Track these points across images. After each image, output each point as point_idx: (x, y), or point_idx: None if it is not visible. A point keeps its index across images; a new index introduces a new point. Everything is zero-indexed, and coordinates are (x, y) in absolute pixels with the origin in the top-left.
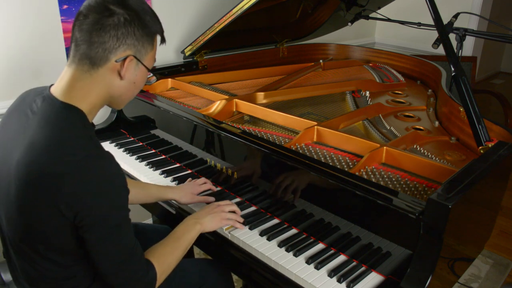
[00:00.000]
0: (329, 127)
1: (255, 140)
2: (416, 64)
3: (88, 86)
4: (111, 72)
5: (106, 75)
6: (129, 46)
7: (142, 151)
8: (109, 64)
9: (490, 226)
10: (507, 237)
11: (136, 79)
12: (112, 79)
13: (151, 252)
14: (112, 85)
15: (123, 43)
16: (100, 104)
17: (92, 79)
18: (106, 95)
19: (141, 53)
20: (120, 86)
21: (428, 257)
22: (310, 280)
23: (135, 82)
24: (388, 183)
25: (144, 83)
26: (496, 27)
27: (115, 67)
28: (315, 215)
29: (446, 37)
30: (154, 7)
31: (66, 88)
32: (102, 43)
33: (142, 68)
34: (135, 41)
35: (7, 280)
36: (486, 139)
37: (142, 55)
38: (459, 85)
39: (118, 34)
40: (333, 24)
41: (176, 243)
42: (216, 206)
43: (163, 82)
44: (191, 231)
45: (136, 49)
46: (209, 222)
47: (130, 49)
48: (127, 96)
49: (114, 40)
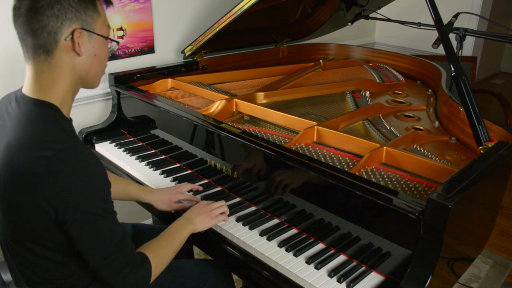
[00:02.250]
0: (329, 127)
1: (255, 140)
2: (416, 64)
3: (52, 76)
4: (66, 52)
5: (63, 58)
6: (72, 20)
7: (142, 151)
8: (61, 45)
9: (490, 226)
10: (507, 237)
11: (95, 50)
12: (70, 59)
13: (146, 246)
14: (74, 65)
15: (64, 19)
16: (72, 90)
17: (52, 67)
18: (73, 78)
19: (87, 23)
20: (81, 63)
21: (428, 257)
22: (310, 280)
23: (96, 54)
24: (388, 183)
25: (108, 52)
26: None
27: (68, 46)
28: (315, 215)
29: (446, 37)
30: (154, 7)
31: (33, 85)
32: (44, 27)
33: (97, 38)
34: (75, 13)
35: (7, 280)
36: (486, 139)
37: (90, 25)
38: (459, 85)
39: (55, 12)
40: (333, 24)
41: (171, 239)
42: (205, 205)
43: (163, 82)
44: (183, 231)
45: (81, 20)
46: (200, 221)
47: (75, 23)
48: (95, 71)
49: (54, 20)
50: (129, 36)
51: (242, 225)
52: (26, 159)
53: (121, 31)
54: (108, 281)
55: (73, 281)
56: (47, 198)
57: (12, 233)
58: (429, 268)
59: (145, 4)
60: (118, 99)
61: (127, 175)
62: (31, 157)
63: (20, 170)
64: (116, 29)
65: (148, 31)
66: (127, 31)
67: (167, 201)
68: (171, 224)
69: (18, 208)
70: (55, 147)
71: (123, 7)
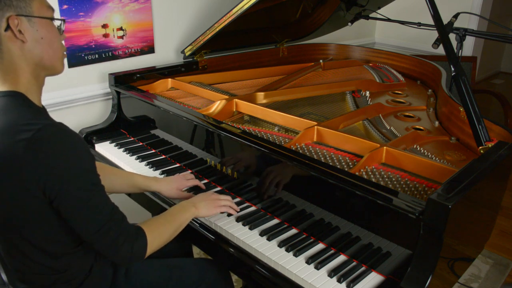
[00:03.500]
0: (329, 127)
1: (255, 140)
2: (416, 64)
3: (9, 68)
4: (12, 43)
5: (10, 48)
6: (3, 10)
7: (142, 151)
8: (3, 38)
9: (490, 226)
10: (507, 237)
11: (40, 34)
12: (19, 48)
13: (144, 222)
14: (24, 54)
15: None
16: (35, 79)
17: (6, 60)
18: (30, 67)
19: (21, 8)
20: (30, 50)
21: (428, 257)
22: (310, 280)
23: (43, 37)
24: (388, 183)
25: (57, 33)
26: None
27: (11, 36)
28: (315, 215)
29: (446, 37)
30: (154, 7)
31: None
32: None
33: (39, 21)
34: (5, 1)
35: (7, 280)
36: (486, 139)
37: (25, 9)
38: (459, 85)
39: None
40: (333, 24)
41: (169, 217)
42: (212, 194)
43: (163, 82)
44: (185, 212)
45: (13, 7)
46: (204, 207)
47: (7, 11)
48: (49, 55)
49: None
50: (129, 36)
51: (242, 225)
52: (5, 146)
53: (121, 31)
54: (104, 252)
55: (67, 276)
56: (32, 179)
57: (5, 224)
58: (429, 268)
59: (145, 4)
60: (118, 99)
61: None
62: (10, 143)
63: (2, 158)
64: (116, 29)
65: (148, 31)
66: (127, 31)
67: (174, 189)
68: (173, 206)
69: (7, 196)
70: (31, 129)
71: (123, 7)
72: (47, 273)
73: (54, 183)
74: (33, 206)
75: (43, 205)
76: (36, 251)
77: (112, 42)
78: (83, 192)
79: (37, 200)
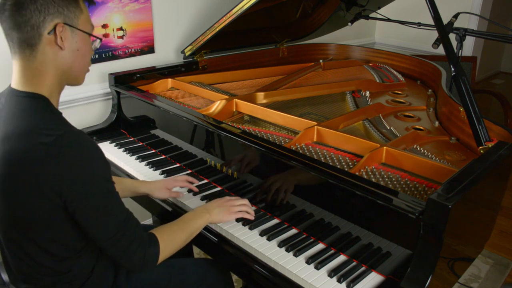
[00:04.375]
0: (329, 127)
1: (255, 140)
2: (416, 64)
3: (37, 70)
4: (50, 46)
5: (47, 52)
6: (55, 15)
7: (142, 151)
8: (44, 39)
9: (490, 226)
10: (507, 237)
11: (78, 46)
12: (54, 53)
13: (157, 228)
14: (57, 59)
15: (47, 14)
16: (58, 85)
17: (37, 61)
18: (57, 72)
19: (70, 18)
20: (65, 57)
21: (428, 257)
22: (310, 280)
23: (78, 49)
24: (388, 183)
25: (91, 49)
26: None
27: (51, 40)
28: (315, 215)
29: (446, 37)
30: (154, 7)
31: (21, 79)
32: (27, 21)
33: (80, 34)
34: (58, 8)
35: (7, 280)
36: (486, 139)
37: (73, 20)
38: (459, 85)
39: (38, 6)
40: (333, 24)
41: (183, 225)
42: (227, 200)
43: (163, 82)
44: (199, 219)
45: (63, 15)
46: (218, 213)
47: (57, 18)
48: (78, 67)
49: (37, 14)
50: (129, 36)
51: (242, 225)
52: (26, 147)
53: (121, 31)
54: (116, 258)
55: (69, 277)
56: (50, 184)
57: (14, 224)
58: (429, 268)
59: (145, 4)
60: (118, 99)
61: (127, 175)
62: (30, 145)
63: (21, 159)
64: (116, 29)
65: (148, 31)
66: (127, 31)
67: (162, 188)
68: (187, 213)
69: (21, 198)
70: (52, 134)
71: (123, 7)
72: (50, 274)
73: (71, 189)
74: (45, 208)
75: (56, 208)
76: (40, 252)
77: (112, 42)
78: (99, 199)
79: (51, 203)
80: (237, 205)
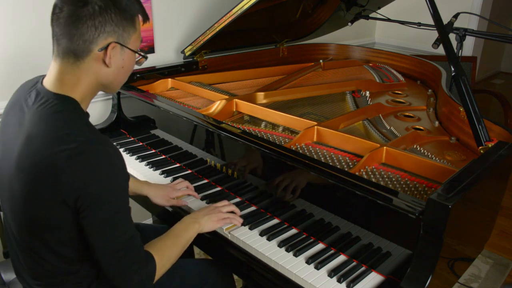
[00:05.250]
0: (329, 127)
1: (255, 140)
2: (416, 64)
3: (76, 77)
4: (96, 61)
5: (92, 65)
6: (109, 33)
7: (142, 151)
8: (93, 55)
9: (490, 226)
10: (507, 237)
11: (123, 63)
12: (98, 68)
13: (151, 245)
14: (100, 74)
15: (102, 32)
16: (92, 93)
17: (79, 70)
18: (96, 84)
19: (123, 37)
20: (108, 73)
21: (428, 257)
22: (310, 280)
23: (123, 66)
24: (388, 183)
25: (134, 65)
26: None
27: (99, 56)
28: (315, 215)
29: (446, 37)
30: (154, 7)
31: (56, 81)
32: (81, 35)
33: (128, 52)
34: (114, 27)
35: (7, 280)
36: (486, 139)
37: (125, 39)
38: (459, 85)
39: (96, 23)
40: (333, 24)
41: (176, 239)
42: (214, 208)
43: (163, 82)
44: (189, 230)
45: (117, 34)
46: (206, 222)
47: (111, 36)
48: (119, 81)
49: (93, 30)
50: None
51: (242, 225)
52: (49, 152)
53: None
54: (114, 279)
55: (77, 278)
56: (68, 190)
57: (29, 225)
58: (429, 268)
59: (145, 4)
60: (118, 99)
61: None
62: (54, 150)
63: (43, 163)
64: None
65: (148, 31)
66: None
67: (164, 196)
68: (176, 224)
69: (38, 200)
70: (77, 140)
71: None
72: (59, 273)
73: (87, 197)
74: (60, 212)
75: (71, 213)
76: (52, 254)
77: None
78: (111, 212)
79: (67, 208)
80: (224, 212)
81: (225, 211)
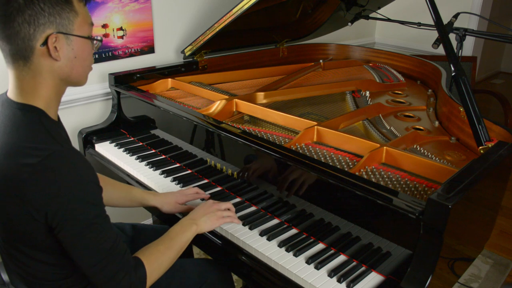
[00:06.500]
0: (329, 127)
1: (255, 140)
2: (416, 64)
3: (33, 81)
4: (44, 58)
5: (41, 63)
6: (45, 25)
7: (142, 151)
8: (37, 52)
9: (490, 226)
10: (507, 237)
11: (75, 52)
12: (49, 65)
13: (143, 250)
14: (54, 70)
15: (37, 25)
16: (57, 94)
17: (32, 72)
18: (55, 82)
19: (64, 25)
20: (61, 67)
21: (428, 257)
22: (310, 280)
23: (76, 56)
24: (388, 183)
25: (91, 51)
26: (496, 27)
27: (45, 52)
28: (315, 215)
29: (446, 37)
30: (154, 7)
31: (16, 89)
32: (16, 34)
33: (77, 39)
34: (49, 17)
35: (7, 280)
36: (486, 139)
37: (67, 27)
38: (459, 85)
39: (26, 18)
40: (333, 24)
41: (170, 243)
42: (211, 205)
43: (163, 82)
44: (186, 232)
45: (55, 24)
46: (205, 222)
47: (49, 28)
48: (78, 73)
49: (26, 26)
50: (129, 36)
51: (242, 225)
52: (11, 167)
53: (121, 31)
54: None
55: (72, 281)
56: (34, 206)
57: (5, 236)
58: (429, 268)
59: (145, 4)
60: (118, 99)
61: (127, 175)
62: (16, 164)
63: (6, 178)
64: (116, 29)
65: (148, 31)
66: (127, 31)
67: (173, 203)
68: (173, 226)
69: (8, 213)
70: (39, 154)
71: (123, 7)
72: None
73: (55, 213)
74: (33, 226)
75: (43, 226)
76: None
77: (112, 42)
78: (84, 225)
79: (38, 223)
80: (223, 210)
81: (223, 208)
